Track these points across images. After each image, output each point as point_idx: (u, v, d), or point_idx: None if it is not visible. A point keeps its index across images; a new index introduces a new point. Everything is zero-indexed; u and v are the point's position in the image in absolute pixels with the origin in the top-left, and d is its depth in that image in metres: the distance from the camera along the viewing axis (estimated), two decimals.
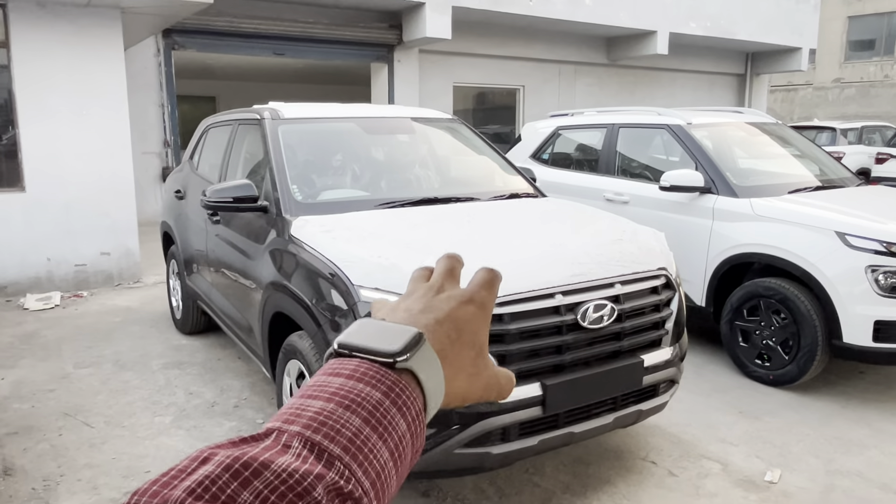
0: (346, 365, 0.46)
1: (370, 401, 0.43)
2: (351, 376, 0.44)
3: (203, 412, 3.91)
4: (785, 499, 3.02)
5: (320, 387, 0.44)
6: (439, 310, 0.54)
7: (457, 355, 0.52)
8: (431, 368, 0.48)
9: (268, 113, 3.95)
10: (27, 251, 6.36)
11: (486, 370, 0.55)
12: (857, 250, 3.81)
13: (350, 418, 0.42)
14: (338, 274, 2.72)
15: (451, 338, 0.52)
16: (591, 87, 14.79)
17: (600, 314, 2.76)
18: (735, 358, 4.43)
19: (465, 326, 0.53)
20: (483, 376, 0.55)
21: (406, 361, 0.46)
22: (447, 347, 0.51)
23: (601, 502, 2.99)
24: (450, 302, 0.55)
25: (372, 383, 0.44)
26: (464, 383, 0.53)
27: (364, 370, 0.45)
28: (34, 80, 6.18)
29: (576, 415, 2.79)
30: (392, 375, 0.45)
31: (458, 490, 3.06)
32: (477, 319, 0.55)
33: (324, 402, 0.42)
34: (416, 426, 0.46)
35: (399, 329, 0.48)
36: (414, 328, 0.48)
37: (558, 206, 3.81)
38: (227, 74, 16.52)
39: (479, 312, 0.55)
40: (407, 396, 0.45)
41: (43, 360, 4.74)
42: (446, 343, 0.52)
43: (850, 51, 26.59)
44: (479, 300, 0.56)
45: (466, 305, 0.55)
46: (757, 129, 5.47)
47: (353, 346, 0.47)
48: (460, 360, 0.52)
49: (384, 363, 0.46)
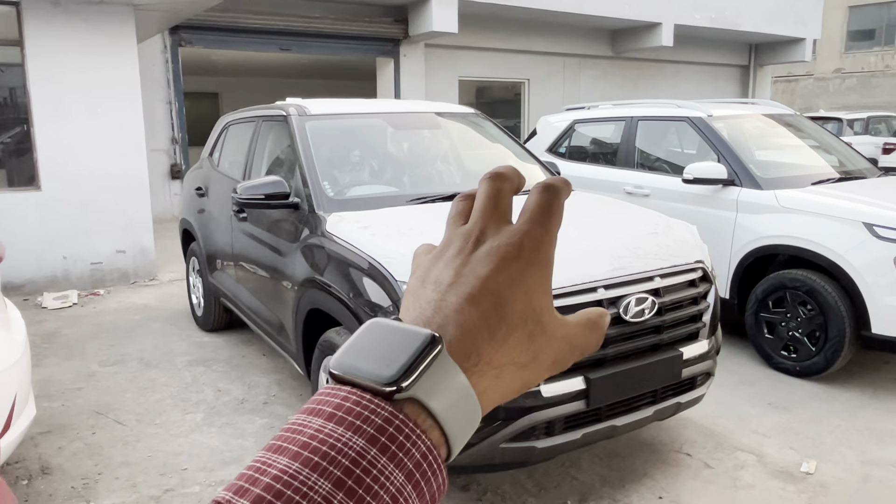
0: (332, 397, 0.35)
1: (349, 452, 0.33)
2: (332, 416, 0.34)
3: (233, 409, 3.91)
4: (823, 489, 3.03)
5: (294, 432, 0.34)
6: (474, 277, 0.39)
7: (500, 345, 0.38)
8: (450, 388, 0.36)
9: (293, 109, 3.94)
10: (43, 250, 6.35)
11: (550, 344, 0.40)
12: (885, 241, 3.82)
13: (317, 483, 0.32)
14: (380, 270, 2.72)
15: (491, 323, 0.38)
16: (595, 79, 14.77)
17: (641, 307, 2.76)
18: (760, 349, 4.44)
19: (513, 296, 0.39)
20: (546, 355, 0.40)
21: (408, 389, 0.35)
22: (483, 342, 0.38)
23: (640, 494, 3.00)
24: (489, 262, 0.39)
25: (356, 425, 0.34)
26: (514, 380, 0.39)
27: (350, 405, 0.34)
28: (48, 79, 6.16)
29: (617, 408, 2.80)
30: (385, 410, 0.34)
31: (498, 484, 3.07)
32: (530, 280, 0.39)
33: (290, 458, 0.32)
34: (426, 469, 0.34)
35: (406, 335, 0.36)
36: (424, 332, 0.36)
37: (588, 199, 3.81)
38: (230, 71, 16.47)
39: (530, 269, 0.39)
40: (405, 437, 0.34)
41: (67, 359, 4.74)
42: (482, 333, 0.38)
43: (851, 41, 26.57)
44: (531, 246, 0.40)
45: (512, 262, 0.39)
46: (775, 121, 5.47)
47: (344, 370, 0.36)
48: (506, 352, 0.39)
49: (379, 392, 0.35)
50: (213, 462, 3.31)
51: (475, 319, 0.38)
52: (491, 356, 0.38)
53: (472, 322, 0.38)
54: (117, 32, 6.40)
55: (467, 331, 0.38)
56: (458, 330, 0.38)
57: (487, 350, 0.38)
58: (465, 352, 0.37)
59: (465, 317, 0.38)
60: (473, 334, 0.38)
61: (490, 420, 2.54)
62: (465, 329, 0.38)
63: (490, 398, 0.39)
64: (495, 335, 0.38)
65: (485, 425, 2.55)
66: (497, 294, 0.39)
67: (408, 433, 0.34)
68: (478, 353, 0.38)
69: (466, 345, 0.37)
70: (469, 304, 0.38)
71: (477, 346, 0.38)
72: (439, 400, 0.35)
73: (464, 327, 0.38)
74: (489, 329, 0.38)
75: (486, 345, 0.38)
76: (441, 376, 0.36)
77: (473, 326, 0.38)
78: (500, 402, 0.40)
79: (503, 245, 0.40)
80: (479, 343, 0.38)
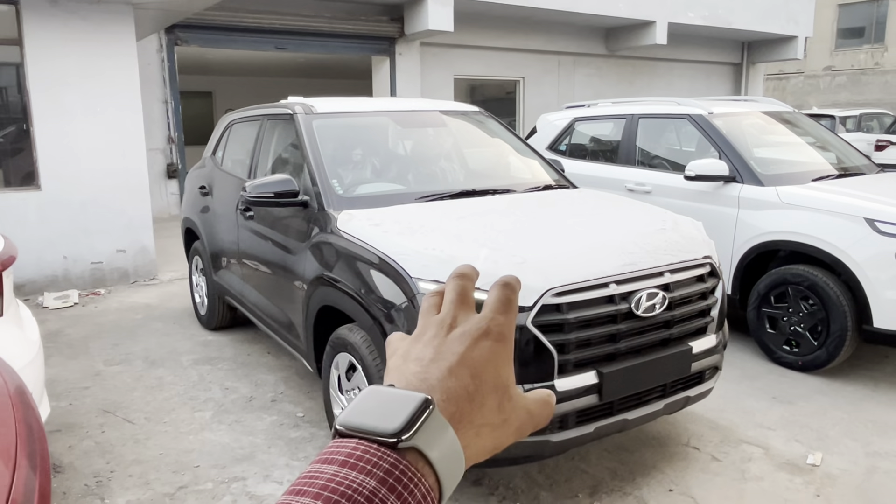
0: (342, 448, 0.41)
1: (363, 491, 0.38)
2: (345, 463, 0.40)
3: (241, 407, 3.93)
4: (830, 481, 3.08)
5: (311, 478, 0.39)
6: (451, 354, 0.47)
7: (478, 409, 0.46)
8: (442, 440, 0.43)
9: (300, 108, 3.96)
10: (43, 249, 6.34)
11: (515, 411, 0.48)
12: (886, 236, 3.87)
13: None
14: (394, 267, 2.75)
15: (469, 390, 0.46)
16: (590, 77, 14.82)
17: (652, 303, 2.80)
18: (762, 344, 4.50)
19: (485, 369, 0.47)
20: (513, 420, 0.48)
21: (409, 440, 0.41)
22: (464, 404, 0.45)
23: (650, 487, 3.04)
24: (462, 342, 0.48)
25: (367, 469, 0.39)
26: (489, 438, 0.47)
27: (360, 453, 0.40)
28: (48, 78, 6.14)
29: (629, 402, 2.83)
30: (391, 456, 0.40)
31: (510, 479, 3.10)
32: (497, 356, 0.48)
33: (312, 498, 0.38)
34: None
35: (403, 398, 0.43)
36: (419, 395, 0.43)
37: (594, 196, 3.84)
38: (224, 69, 16.43)
39: (497, 346, 0.48)
40: (409, 479, 0.40)
41: (72, 359, 4.74)
42: (463, 398, 0.45)
43: (841, 38, 26.76)
44: (496, 331, 0.49)
45: (481, 341, 0.48)
46: (773, 118, 5.52)
47: (351, 426, 0.42)
48: (482, 414, 0.46)
49: (384, 443, 0.41)
50: (224, 459, 3.33)
51: (456, 387, 0.46)
52: (471, 417, 0.45)
53: (454, 389, 0.45)
54: (116, 31, 6.39)
55: (451, 396, 0.45)
56: (443, 395, 0.45)
57: (468, 411, 0.45)
58: (450, 412, 0.44)
59: (448, 385, 0.46)
60: (456, 399, 0.45)
61: None
62: (449, 394, 0.45)
63: (471, 452, 0.45)
64: (474, 400, 0.46)
65: None
66: (473, 367, 0.47)
67: (410, 476, 0.40)
68: (460, 414, 0.45)
69: (451, 407, 0.45)
70: (450, 374, 0.46)
71: (459, 408, 0.45)
72: (435, 450, 0.42)
73: (448, 393, 0.45)
74: (468, 395, 0.46)
75: (467, 407, 0.45)
76: (435, 430, 0.42)
77: (455, 392, 0.45)
78: (478, 458, 0.47)
79: (473, 329, 0.49)
80: (461, 406, 0.45)
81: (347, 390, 3.15)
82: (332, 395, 3.27)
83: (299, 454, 3.37)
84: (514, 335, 0.50)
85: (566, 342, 2.60)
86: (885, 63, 25.42)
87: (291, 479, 3.15)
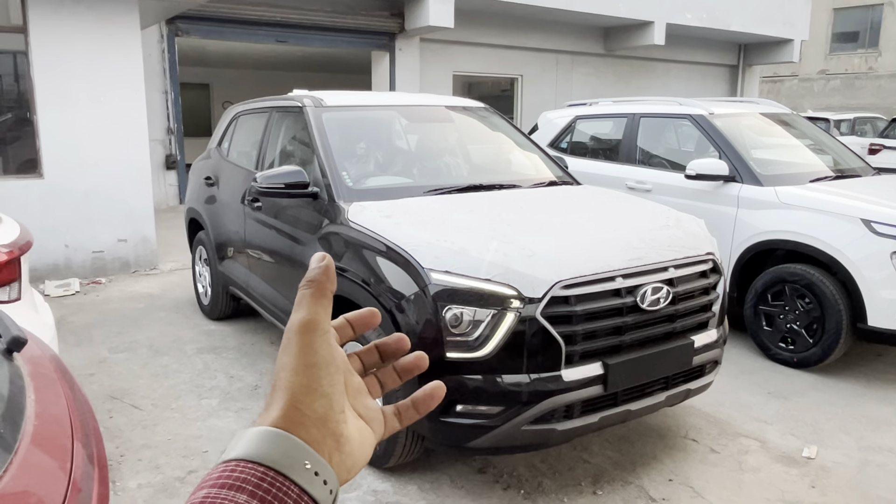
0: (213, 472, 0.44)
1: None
2: (215, 483, 0.43)
3: (247, 395, 3.98)
4: (825, 473, 3.16)
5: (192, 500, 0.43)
6: (292, 357, 0.48)
7: (317, 416, 0.48)
8: (289, 450, 0.45)
9: (309, 101, 4.01)
10: (45, 238, 6.35)
11: (350, 428, 0.50)
12: (882, 237, 3.96)
13: None
14: (406, 258, 2.80)
15: (308, 386, 0.48)
16: (588, 76, 14.90)
17: (657, 297, 2.87)
18: (758, 341, 4.58)
19: (310, 371, 0.48)
20: (355, 441, 0.50)
21: (260, 459, 0.44)
22: (306, 411, 0.47)
23: (650, 477, 3.12)
24: (292, 343, 0.49)
25: (237, 485, 0.43)
26: (349, 455, 0.49)
27: (229, 472, 0.43)
28: (52, 66, 6.16)
29: (632, 393, 2.90)
30: (258, 469, 0.44)
31: (513, 467, 3.17)
32: (309, 353, 0.48)
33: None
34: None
35: (257, 429, 0.46)
36: (261, 428, 0.46)
37: (598, 193, 3.91)
38: (222, 62, 16.41)
39: (308, 343, 0.48)
40: (278, 488, 0.43)
41: (76, 346, 4.78)
42: (305, 401, 0.47)
43: (835, 42, 26.96)
44: (302, 325, 0.49)
45: (303, 337, 0.48)
46: (772, 120, 5.61)
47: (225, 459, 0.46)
48: (322, 421, 0.48)
49: (249, 461, 0.44)
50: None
51: (300, 390, 0.47)
52: (312, 424, 0.47)
53: (299, 390, 0.47)
54: (121, 21, 6.40)
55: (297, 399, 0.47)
56: (295, 401, 0.47)
57: (307, 406, 0.47)
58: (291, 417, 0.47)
59: (296, 390, 0.48)
60: (303, 402, 0.47)
61: (513, 403, 2.64)
62: (296, 398, 0.47)
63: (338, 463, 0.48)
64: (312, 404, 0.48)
65: (507, 408, 2.64)
66: (306, 368, 0.48)
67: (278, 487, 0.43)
68: (303, 421, 0.47)
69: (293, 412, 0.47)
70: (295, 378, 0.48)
71: (303, 413, 0.47)
72: (286, 461, 0.45)
73: (295, 397, 0.47)
74: (306, 391, 0.48)
75: (307, 401, 0.47)
76: (274, 441, 0.45)
77: (301, 395, 0.47)
78: (344, 475, 0.48)
79: (295, 326, 0.50)
80: (304, 411, 0.47)
81: None
82: None
83: None
84: (324, 322, 0.50)
85: (573, 333, 2.67)
86: (878, 68, 25.63)
87: None
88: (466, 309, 2.64)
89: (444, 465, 3.19)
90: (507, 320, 2.61)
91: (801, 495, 2.98)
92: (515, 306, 2.61)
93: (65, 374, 1.67)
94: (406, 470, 3.14)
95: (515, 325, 2.60)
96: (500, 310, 2.61)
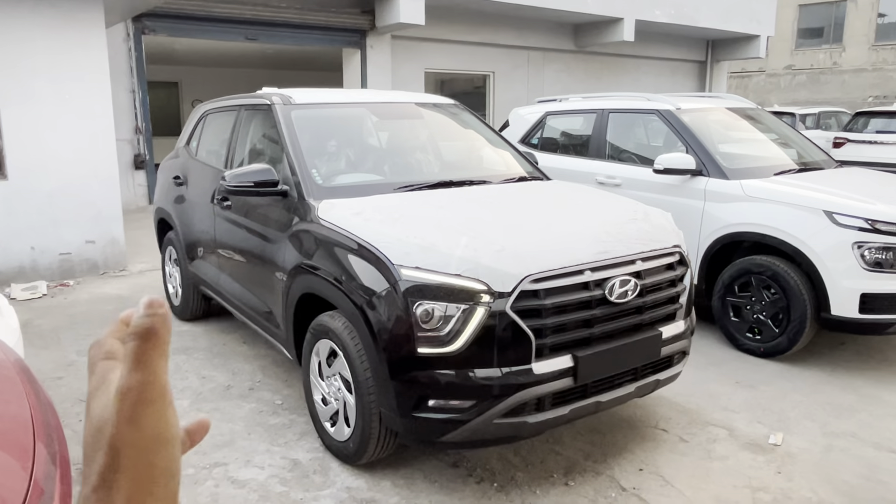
0: None
1: None
2: None
3: (220, 395, 3.95)
4: (790, 459, 3.24)
5: None
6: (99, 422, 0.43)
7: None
8: None
9: (277, 98, 3.99)
10: (10, 240, 6.24)
11: None
12: (844, 228, 4.06)
13: None
14: (377, 255, 2.81)
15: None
16: (559, 73, 15.00)
17: (625, 289, 2.91)
18: (726, 332, 4.67)
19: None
20: None
21: None
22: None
23: (621, 467, 3.16)
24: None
25: None
26: None
27: None
28: (15, 65, 6.03)
29: (602, 385, 2.94)
30: None
31: (486, 461, 3.19)
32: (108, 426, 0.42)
33: None
34: None
35: None
36: None
37: (568, 188, 3.95)
38: (191, 60, 16.22)
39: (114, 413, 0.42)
40: None
41: (43, 349, 4.70)
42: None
43: (801, 38, 27.45)
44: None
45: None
46: (738, 114, 5.71)
47: None
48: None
49: None
50: (205, 445, 3.35)
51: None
52: None
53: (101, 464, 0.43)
54: (85, 19, 6.30)
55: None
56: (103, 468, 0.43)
57: None
58: None
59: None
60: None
61: (484, 396, 2.66)
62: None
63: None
64: None
65: (479, 402, 2.67)
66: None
67: None
68: None
69: None
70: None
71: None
72: None
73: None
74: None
75: None
76: None
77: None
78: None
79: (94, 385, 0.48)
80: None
81: (328, 376, 3.21)
82: (313, 381, 3.32)
83: (279, 440, 3.42)
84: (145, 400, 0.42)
85: (543, 327, 2.70)
86: (842, 63, 26.17)
87: (273, 464, 3.20)
88: (437, 304, 2.65)
89: (418, 461, 3.21)
90: (478, 315, 2.63)
91: (767, 481, 3.05)
92: (485, 301, 2.63)
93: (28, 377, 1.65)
94: (379, 466, 3.15)
95: (486, 319, 2.63)
96: (471, 305, 2.63)
